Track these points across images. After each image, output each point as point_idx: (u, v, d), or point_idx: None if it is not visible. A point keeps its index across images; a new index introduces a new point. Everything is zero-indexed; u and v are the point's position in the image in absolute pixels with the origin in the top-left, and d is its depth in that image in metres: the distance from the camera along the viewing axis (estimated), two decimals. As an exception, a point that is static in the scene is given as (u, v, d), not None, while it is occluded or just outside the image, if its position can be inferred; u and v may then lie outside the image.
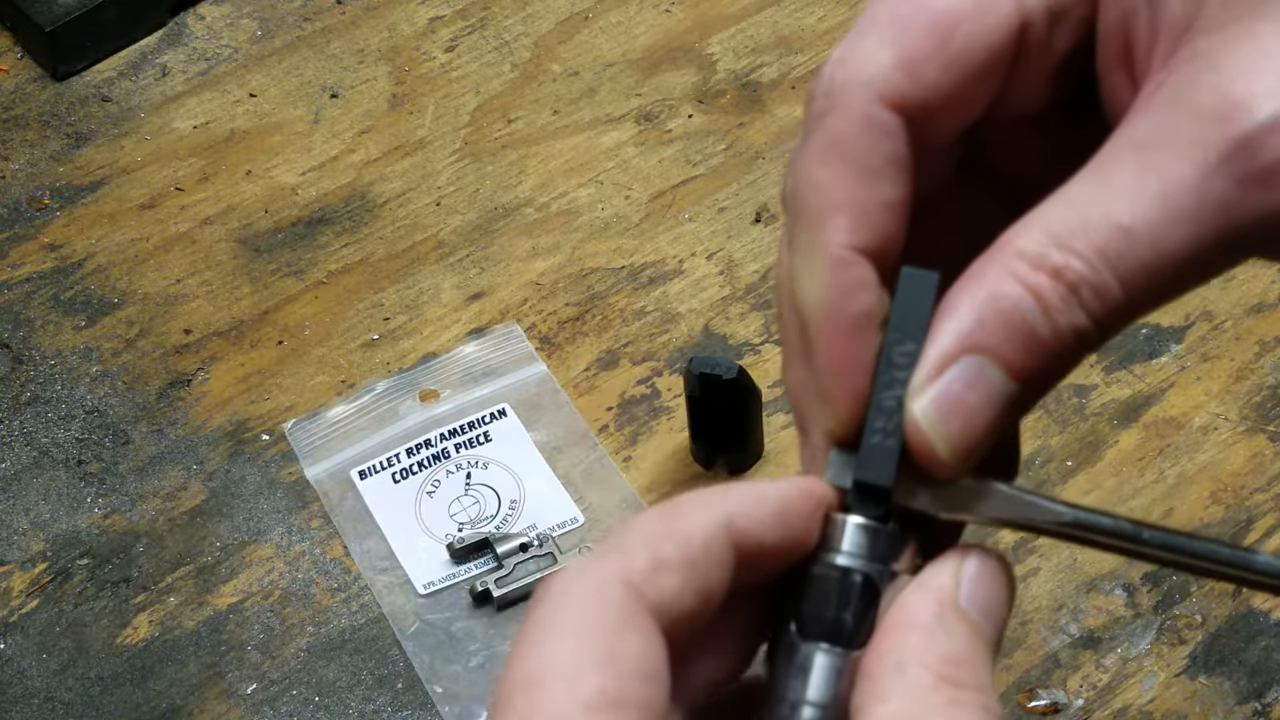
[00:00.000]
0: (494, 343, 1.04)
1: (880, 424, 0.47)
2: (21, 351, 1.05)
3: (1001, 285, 0.45)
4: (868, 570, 0.46)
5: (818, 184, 0.47)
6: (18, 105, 1.18)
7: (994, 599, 0.46)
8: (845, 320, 0.47)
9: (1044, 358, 0.45)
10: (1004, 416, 0.45)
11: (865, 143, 0.47)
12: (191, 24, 1.22)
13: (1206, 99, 0.44)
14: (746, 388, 0.94)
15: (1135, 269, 0.44)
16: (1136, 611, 0.91)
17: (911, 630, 0.45)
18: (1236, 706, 0.88)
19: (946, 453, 0.45)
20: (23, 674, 0.93)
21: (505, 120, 1.15)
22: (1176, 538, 0.46)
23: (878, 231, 0.47)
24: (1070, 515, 0.47)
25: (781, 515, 0.46)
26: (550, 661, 0.43)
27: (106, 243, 1.10)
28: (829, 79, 0.48)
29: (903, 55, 0.47)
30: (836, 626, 0.46)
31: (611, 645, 0.43)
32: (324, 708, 0.91)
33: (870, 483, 0.47)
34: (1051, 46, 0.48)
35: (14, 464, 1.00)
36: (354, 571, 0.96)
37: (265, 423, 1.02)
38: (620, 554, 0.44)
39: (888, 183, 0.47)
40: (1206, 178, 0.43)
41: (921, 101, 0.47)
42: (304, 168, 1.14)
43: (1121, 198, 0.44)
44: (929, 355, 0.45)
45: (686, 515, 0.45)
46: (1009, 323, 0.44)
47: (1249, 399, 0.99)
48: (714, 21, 1.20)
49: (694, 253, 1.08)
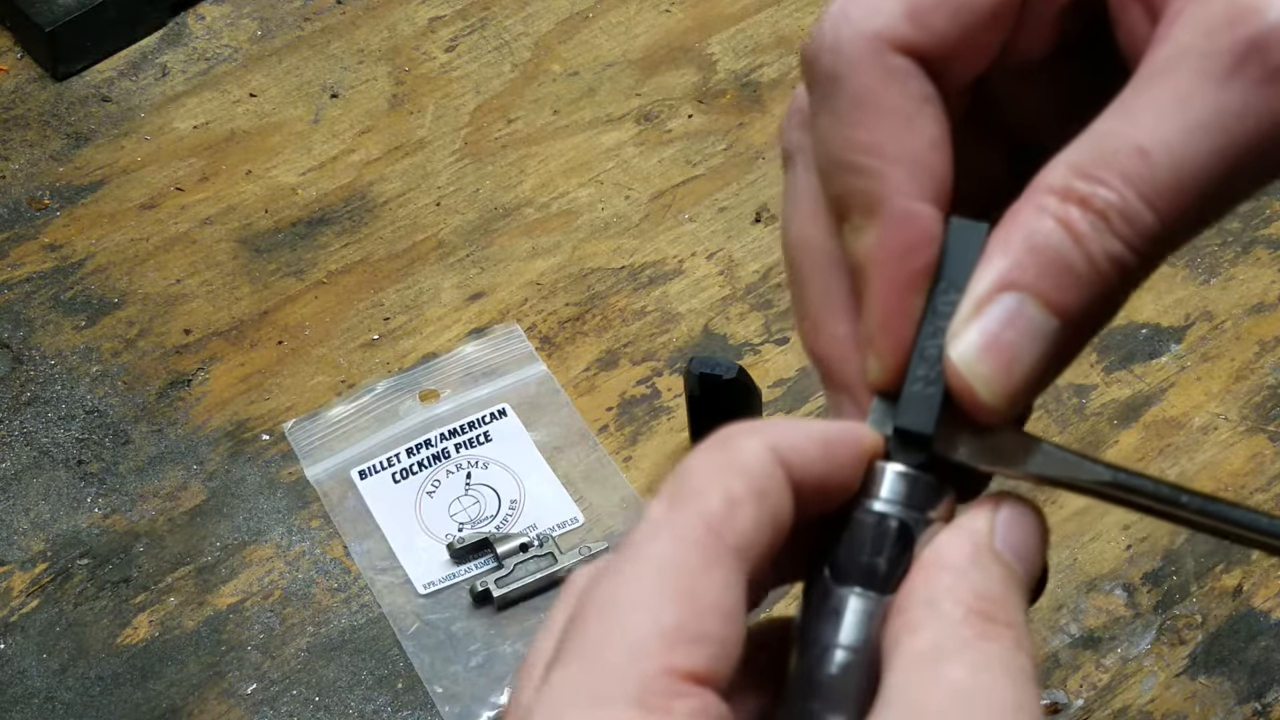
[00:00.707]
0: (494, 343, 1.04)
1: (923, 372, 0.47)
2: (21, 351, 1.05)
3: (1033, 221, 0.44)
4: (904, 517, 0.46)
5: (860, 143, 0.46)
6: (18, 105, 1.18)
7: (1028, 543, 0.46)
8: (906, 275, 0.46)
9: (1083, 290, 0.44)
10: (1048, 356, 0.45)
11: (893, 91, 0.46)
12: (191, 24, 1.22)
13: (1217, 11, 0.43)
14: (746, 388, 0.94)
15: (1161, 189, 0.43)
16: (1136, 611, 0.91)
17: (945, 569, 0.44)
18: (1236, 706, 0.88)
19: (986, 394, 0.45)
20: (23, 674, 0.93)
21: (505, 120, 1.15)
22: (1215, 504, 0.46)
23: (934, 173, 0.47)
24: (1110, 475, 0.47)
25: (827, 452, 0.46)
26: (631, 591, 0.42)
27: (106, 243, 1.10)
28: (833, 34, 0.47)
29: (910, 5, 0.46)
30: (870, 571, 0.46)
31: (693, 583, 0.42)
32: (324, 708, 0.91)
33: (911, 429, 0.47)
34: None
35: (14, 464, 1.00)
36: (354, 571, 0.96)
37: (265, 423, 1.02)
38: (694, 496, 0.44)
39: (928, 122, 0.47)
40: (1221, 86, 0.43)
41: (932, 50, 0.47)
42: (304, 168, 1.14)
43: (1140, 122, 0.44)
44: (967, 297, 0.45)
45: (741, 447, 0.45)
46: (1042, 257, 0.44)
47: (1249, 399, 0.99)
48: (714, 21, 1.20)
49: (694, 253, 1.08)
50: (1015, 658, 0.43)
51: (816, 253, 0.49)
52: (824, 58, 0.47)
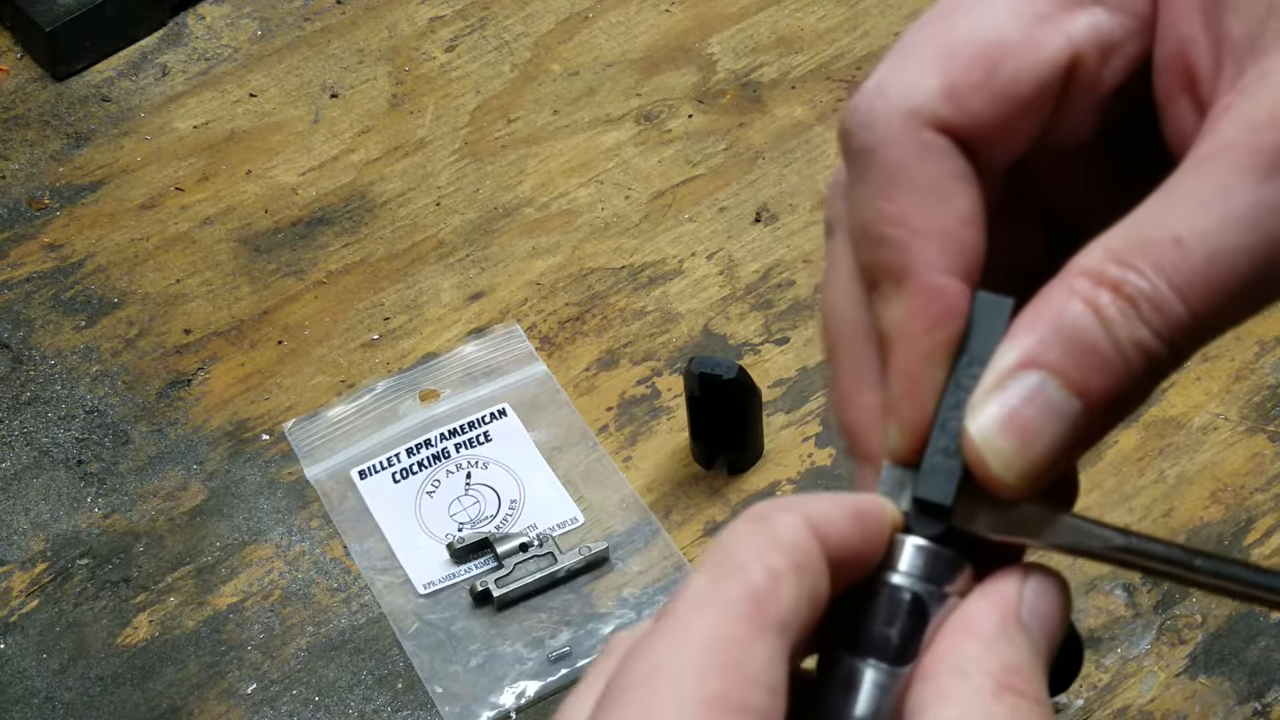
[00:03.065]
0: (494, 343, 1.04)
1: (943, 444, 0.47)
2: (21, 351, 1.05)
3: (1063, 302, 0.44)
4: (919, 589, 0.46)
5: (891, 217, 0.47)
6: (18, 105, 1.18)
7: (1052, 615, 0.46)
8: (931, 348, 0.47)
9: (1107, 375, 0.44)
10: (1068, 437, 0.45)
11: (927, 166, 0.46)
12: (191, 24, 1.22)
13: (1263, 111, 0.43)
14: (746, 388, 0.94)
15: (1193, 281, 0.43)
16: (1136, 611, 0.91)
17: (974, 638, 0.45)
18: (1236, 706, 0.88)
19: (1001, 469, 0.45)
20: (23, 674, 0.93)
21: (505, 120, 1.15)
22: (1229, 566, 0.46)
23: (964, 248, 0.47)
24: (1123, 541, 0.47)
25: (858, 524, 0.46)
26: (677, 659, 0.42)
27: (106, 243, 1.10)
28: (868, 110, 0.47)
29: (948, 84, 0.46)
30: (884, 643, 0.46)
31: (739, 655, 0.43)
32: (324, 708, 0.91)
33: (930, 500, 0.47)
34: (1102, 80, 0.48)
35: (14, 464, 1.00)
36: (354, 571, 0.96)
37: (265, 423, 1.02)
38: (738, 570, 0.44)
39: (960, 198, 0.47)
40: (1260, 183, 0.43)
41: (969, 130, 0.47)
42: (304, 168, 1.14)
43: (1179, 212, 0.44)
44: (989, 372, 0.45)
45: (779, 523, 0.45)
46: (1068, 338, 0.44)
47: (1249, 399, 0.99)
48: (714, 21, 1.20)
49: (694, 253, 1.08)
50: None
51: (849, 322, 0.49)
52: (859, 132, 0.47)
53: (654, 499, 0.97)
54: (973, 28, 0.47)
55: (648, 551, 0.95)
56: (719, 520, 0.96)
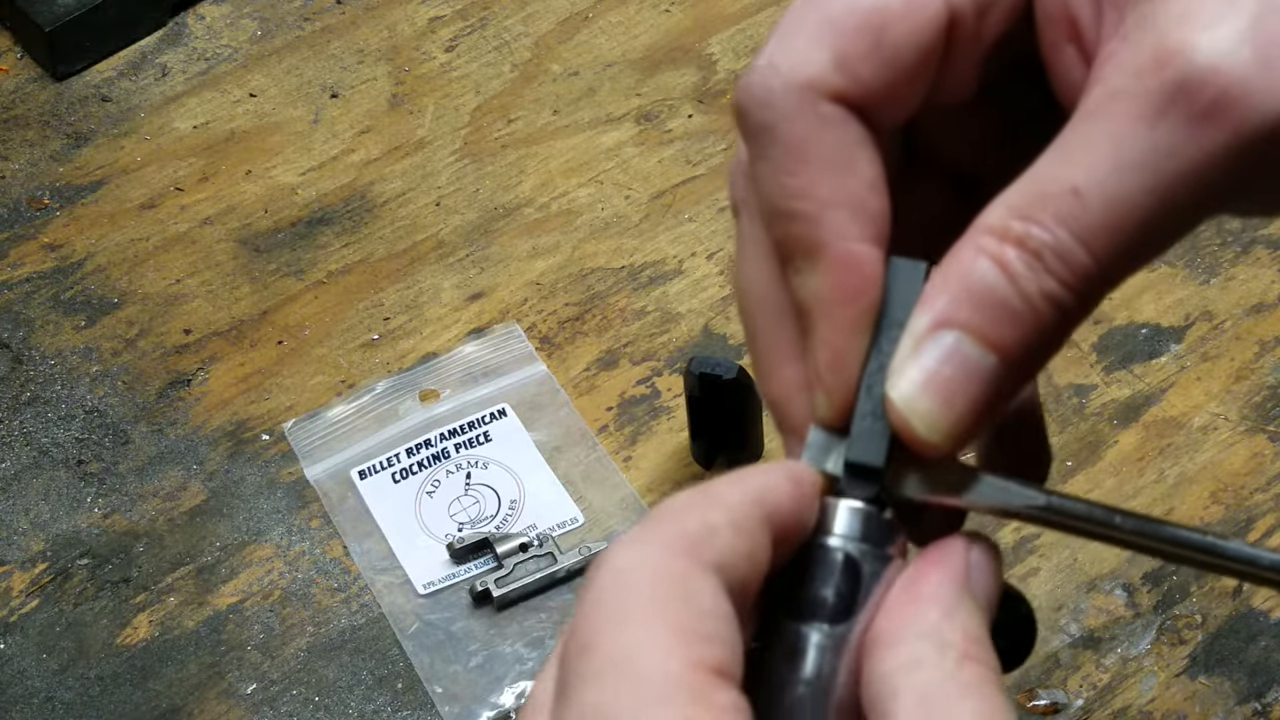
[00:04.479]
0: (494, 343, 1.04)
1: (870, 408, 0.48)
2: (21, 351, 1.05)
3: (970, 261, 0.45)
4: (851, 550, 0.47)
5: (797, 191, 0.48)
6: (18, 105, 1.18)
7: (991, 585, 0.47)
8: (852, 316, 0.47)
9: (1020, 328, 0.45)
10: (988, 393, 0.46)
11: (827, 138, 0.47)
12: (191, 24, 1.22)
13: (1147, 54, 0.44)
14: (746, 388, 0.94)
15: (1094, 228, 0.44)
16: (1136, 611, 0.91)
17: (934, 605, 0.45)
18: (1236, 706, 0.88)
19: (926, 430, 0.46)
20: (23, 674, 0.93)
21: (505, 120, 1.15)
22: (1149, 523, 0.47)
23: (873, 215, 0.48)
24: (1044, 500, 0.48)
25: (794, 485, 0.47)
26: (630, 601, 0.43)
27: (106, 243, 1.10)
28: (763, 86, 0.48)
29: (837, 55, 0.47)
30: (822, 604, 0.46)
31: (687, 587, 0.43)
32: (324, 708, 0.91)
33: (862, 463, 0.48)
34: (980, 35, 0.49)
35: (14, 464, 1.01)
36: (354, 571, 0.96)
37: (265, 423, 1.02)
38: (671, 520, 0.44)
39: (863, 165, 0.48)
40: (1150, 126, 0.44)
41: (862, 97, 0.48)
42: (304, 168, 1.14)
43: (1074, 163, 0.45)
44: (906, 336, 0.46)
45: (721, 489, 0.46)
46: (978, 295, 0.45)
47: (1249, 399, 0.99)
48: (714, 21, 1.20)
49: (694, 253, 1.08)
50: (1006, 706, 0.44)
51: (764, 299, 0.50)
52: (755, 110, 0.48)
53: (654, 499, 0.97)
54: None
55: (648, 551, 0.95)
56: (719, 520, 0.96)
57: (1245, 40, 0.43)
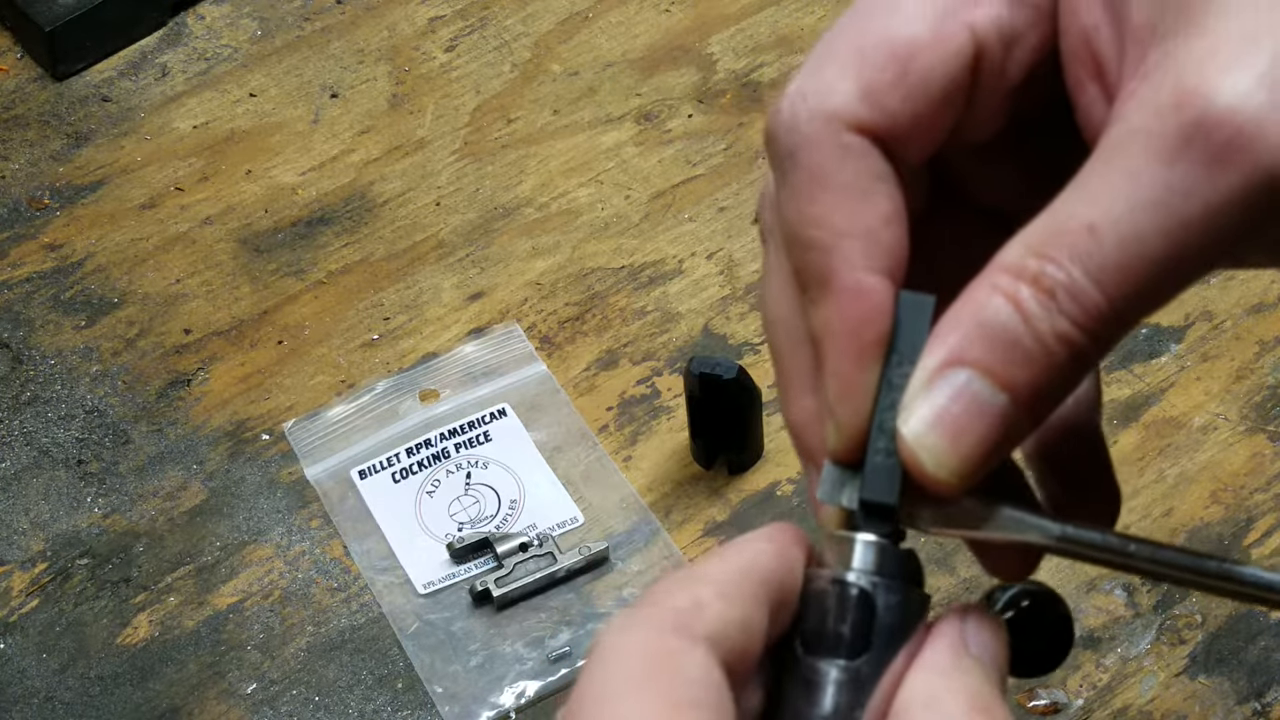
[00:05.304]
0: (494, 343, 1.04)
1: (882, 444, 0.48)
2: (21, 351, 1.05)
3: (984, 298, 0.45)
4: (865, 584, 0.47)
5: (814, 218, 0.48)
6: (18, 105, 1.18)
7: (994, 646, 0.48)
8: (859, 348, 0.48)
9: (1031, 368, 0.45)
10: (999, 432, 0.46)
11: (848, 168, 0.48)
12: (191, 24, 1.22)
13: (1166, 94, 0.44)
14: (746, 388, 0.94)
15: (1107, 268, 0.44)
16: (1136, 611, 0.91)
17: (934, 672, 0.46)
18: (1236, 706, 0.88)
19: (935, 468, 0.46)
20: (23, 674, 0.93)
21: (505, 120, 1.15)
22: (1163, 551, 0.47)
23: (886, 248, 0.48)
24: (1059, 530, 0.48)
25: (782, 553, 0.48)
26: (618, 677, 0.44)
27: (106, 243, 1.10)
28: (790, 114, 0.48)
29: (864, 86, 0.47)
30: (838, 640, 0.47)
31: (675, 661, 0.44)
32: (324, 708, 0.91)
33: (875, 501, 0.48)
34: (1006, 71, 0.49)
35: (14, 464, 1.01)
36: (354, 571, 0.96)
37: (265, 423, 1.02)
38: (661, 599, 0.45)
39: (881, 198, 0.48)
40: (1167, 165, 0.44)
41: (886, 129, 0.48)
42: (304, 168, 1.14)
43: (1090, 200, 0.44)
44: (917, 372, 0.46)
45: (708, 564, 0.47)
46: (990, 334, 0.45)
47: (1249, 399, 0.99)
48: (714, 21, 1.20)
49: (694, 253, 1.08)
50: None
51: (787, 327, 0.51)
52: (782, 136, 0.48)
53: (654, 499, 0.97)
54: (884, 28, 0.48)
55: (648, 551, 0.95)
56: (719, 520, 0.96)
57: (1263, 82, 0.43)
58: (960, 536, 0.49)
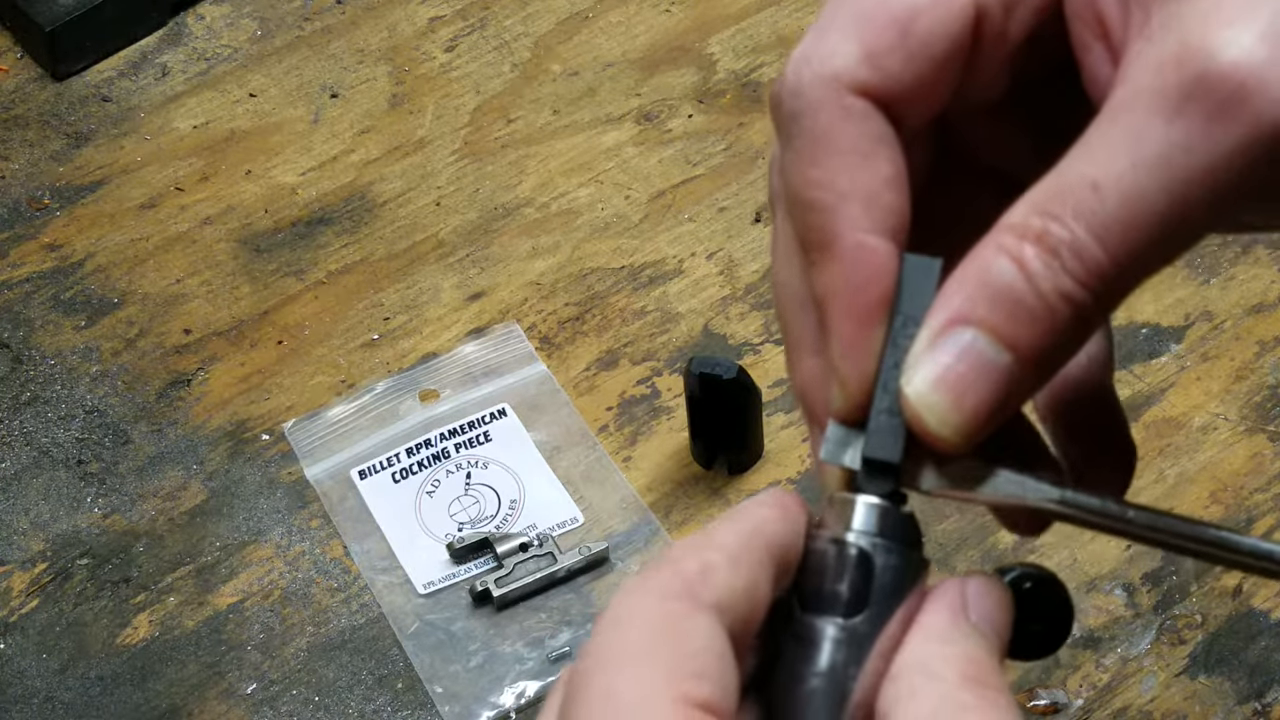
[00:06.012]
0: (494, 343, 1.04)
1: (886, 403, 0.48)
2: (21, 351, 1.05)
3: (989, 258, 0.45)
4: (864, 544, 0.47)
5: (816, 181, 0.48)
6: (18, 105, 1.18)
7: (996, 613, 0.48)
8: (861, 308, 0.48)
9: (1035, 326, 0.45)
10: (1002, 391, 0.46)
11: (849, 130, 0.48)
12: (191, 24, 1.22)
13: (1169, 52, 0.44)
14: (746, 388, 0.94)
15: (1110, 225, 0.44)
16: (1136, 611, 0.91)
17: (929, 638, 0.46)
18: (1236, 706, 0.88)
19: (938, 426, 0.46)
20: (23, 674, 0.93)
21: (505, 120, 1.15)
22: (1161, 518, 0.48)
23: (889, 209, 0.48)
24: (1058, 494, 0.48)
25: (787, 518, 0.48)
26: (624, 643, 0.44)
27: (106, 243, 1.10)
28: (795, 79, 0.49)
29: (866, 49, 0.48)
30: (836, 598, 0.47)
31: (680, 627, 0.44)
32: (324, 708, 0.91)
33: (878, 458, 0.48)
34: (1008, 32, 0.49)
35: (14, 464, 1.01)
36: (354, 571, 0.96)
37: (265, 423, 1.02)
38: (669, 565, 0.46)
39: (883, 161, 0.48)
40: (1168, 122, 0.44)
41: (888, 92, 0.48)
42: (304, 168, 1.14)
43: (1094, 158, 0.45)
44: (922, 331, 0.47)
45: (717, 528, 0.47)
46: (995, 293, 0.45)
47: (1249, 399, 0.99)
48: (714, 21, 1.20)
49: (694, 253, 1.08)
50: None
51: (792, 290, 0.51)
52: (787, 100, 0.49)
53: (654, 499, 0.97)
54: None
55: (648, 551, 0.95)
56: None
57: (1265, 39, 0.43)
58: (961, 499, 0.49)
